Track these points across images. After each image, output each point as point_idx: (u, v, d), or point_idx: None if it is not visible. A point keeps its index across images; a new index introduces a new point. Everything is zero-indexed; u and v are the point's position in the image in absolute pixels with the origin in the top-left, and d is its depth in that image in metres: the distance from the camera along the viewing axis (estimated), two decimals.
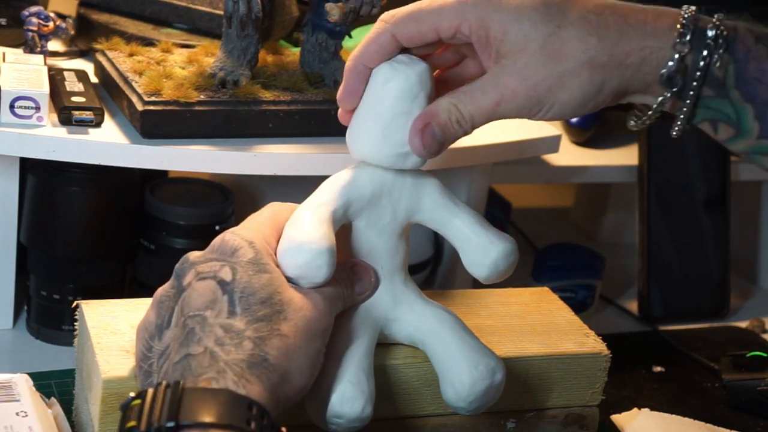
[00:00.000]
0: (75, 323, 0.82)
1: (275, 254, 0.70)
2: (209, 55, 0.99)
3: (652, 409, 0.96)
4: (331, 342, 0.74)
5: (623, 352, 0.90)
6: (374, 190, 0.75)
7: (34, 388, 0.79)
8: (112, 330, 0.77)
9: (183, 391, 0.61)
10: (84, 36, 1.09)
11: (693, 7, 0.71)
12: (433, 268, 1.17)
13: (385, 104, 0.73)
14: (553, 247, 1.22)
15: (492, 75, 0.72)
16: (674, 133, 0.74)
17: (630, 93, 0.73)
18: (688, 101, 0.72)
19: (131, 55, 0.99)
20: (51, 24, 1.02)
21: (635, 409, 0.96)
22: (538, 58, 0.70)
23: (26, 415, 0.75)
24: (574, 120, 1.24)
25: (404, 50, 0.75)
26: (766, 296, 1.31)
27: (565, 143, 1.21)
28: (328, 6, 0.92)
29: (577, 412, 0.85)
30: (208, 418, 0.60)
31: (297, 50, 1.03)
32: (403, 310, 0.78)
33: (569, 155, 1.22)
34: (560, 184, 1.47)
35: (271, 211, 0.74)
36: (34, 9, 1.01)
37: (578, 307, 1.13)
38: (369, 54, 0.73)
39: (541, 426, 0.84)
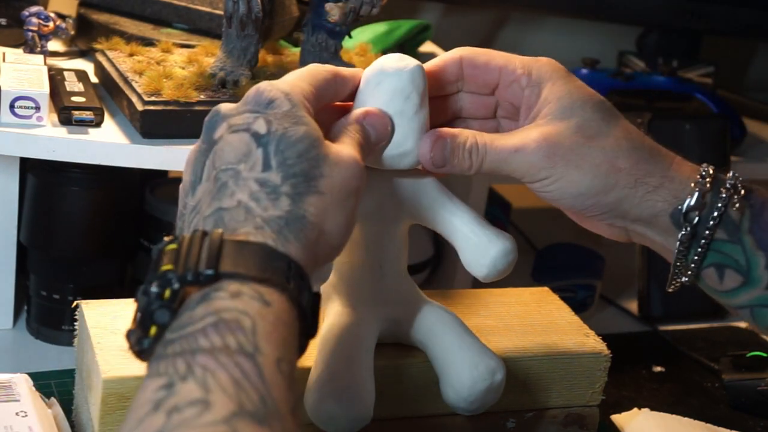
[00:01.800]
0: (75, 323, 0.82)
1: (312, 108, 0.68)
2: (209, 55, 0.99)
3: (652, 409, 0.96)
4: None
5: (623, 352, 0.90)
6: (372, 191, 0.75)
7: (34, 388, 0.79)
8: (112, 330, 0.77)
9: (223, 241, 0.59)
10: (84, 36, 1.09)
11: (712, 166, 0.74)
12: (433, 268, 1.17)
13: (378, 104, 0.73)
14: (553, 247, 1.22)
15: (522, 128, 0.74)
16: (675, 284, 0.76)
17: (631, 218, 0.74)
18: (703, 241, 0.72)
19: (131, 55, 0.99)
20: (51, 24, 1.02)
21: (635, 409, 0.96)
22: (572, 133, 0.72)
23: (26, 415, 0.75)
24: None
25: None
26: None
27: None
28: (328, 6, 0.92)
29: (577, 412, 0.85)
30: (248, 271, 0.58)
31: (297, 50, 1.03)
32: (403, 310, 0.78)
33: None
34: None
35: (310, 67, 0.71)
36: (34, 9, 1.01)
37: (578, 307, 1.12)
38: (431, 74, 0.75)
39: (541, 426, 0.84)
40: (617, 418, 0.95)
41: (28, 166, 0.97)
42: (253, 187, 0.62)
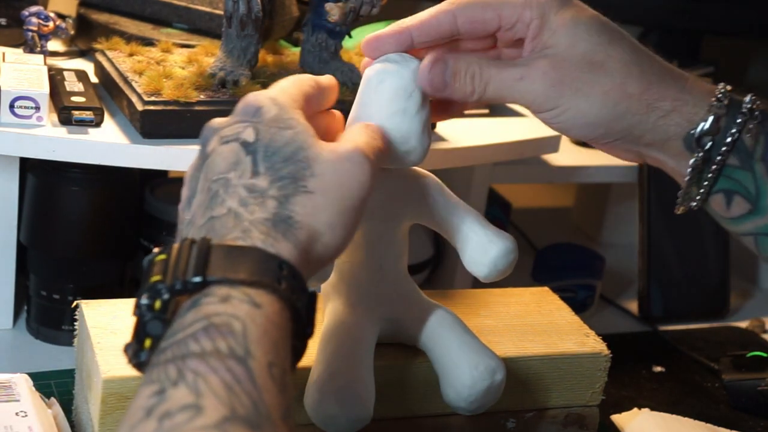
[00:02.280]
0: (75, 323, 0.82)
1: (304, 105, 0.68)
2: (209, 55, 0.99)
3: (652, 409, 0.96)
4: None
5: (623, 352, 0.90)
6: (376, 192, 0.75)
7: (33, 388, 0.79)
8: (112, 330, 0.77)
9: (210, 248, 0.59)
10: (84, 36, 1.09)
11: (729, 86, 0.72)
12: (433, 268, 1.17)
13: (380, 103, 0.73)
14: (553, 247, 1.22)
15: (528, 56, 0.72)
16: (684, 207, 0.74)
17: (644, 143, 0.73)
18: (714, 167, 0.71)
19: (131, 55, 0.99)
20: (51, 24, 1.02)
21: (635, 409, 0.96)
22: (579, 60, 0.70)
23: (26, 415, 0.75)
24: None
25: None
26: (766, 296, 1.31)
27: (566, 143, 1.21)
28: (328, 6, 0.92)
29: (577, 412, 0.85)
30: (236, 274, 0.57)
31: (297, 50, 1.03)
32: (403, 310, 0.78)
33: (569, 155, 1.22)
34: (560, 184, 1.47)
35: (294, 76, 0.71)
36: (34, 9, 1.01)
37: (578, 307, 1.12)
38: (423, 26, 0.73)
39: (541, 426, 0.84)
40: (617, 418, 0.95)
41: (28, 166, 0.97)
42: (242, 194, 0.62)
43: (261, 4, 0.93)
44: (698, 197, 0.73)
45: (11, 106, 0.89)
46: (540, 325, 0.87)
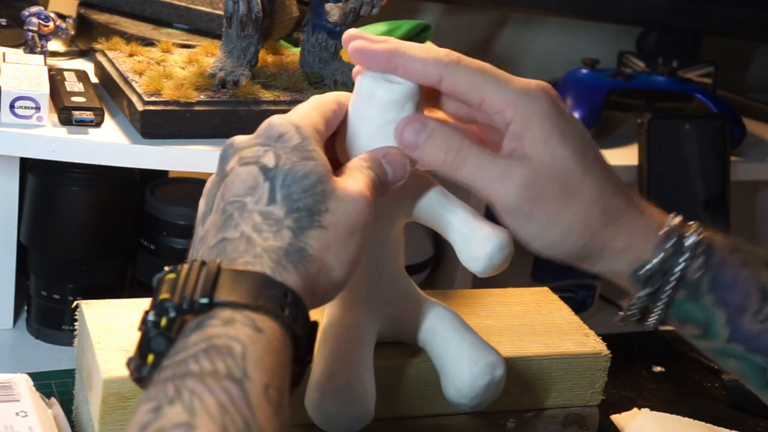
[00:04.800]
0: (75, 323, 0.82)
1: (322, 140, 0.68)
2: (209, 55, 0.99)
3: (652, 409, 0.96)
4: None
5: (623, 352, 0.90)
6: None
7: (34, 388, 0.79)
8: (112, 330, 0.77)
9: (219, 271, 0.60)
10: (84, 36, 1.09)
11: (680, 217, 0.72)
12: (433, 268, 1.17)
13: (371, 114, 0.71)
14: None
15: (508, 157, 0.70)
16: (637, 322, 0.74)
17: (597, 270, 0.73)
18: (659, 303, 0.71)
19: (131, 55, 0.99)
20: (51, 24, 1.02)
21: (635, 409, 0.96)
22: (556, 182, 0.70)
23: (26, 415, 0.75)
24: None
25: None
26: None
27: None
28: (328, 6, 0.92)
29: (577, 412, 0.85)
30: (241, 299, 0.58)
31: (297, 50, 1.03)
32: (401, 308, 0.78)
33: None
34: None
35: (317, 98, 0.71)
36: (34, 9, 1.01)
37: (578, 307, 1.12)
38: (409, 66, 0.70)
39: (541, 426, 0.84)
40: (617, 418, 0.95)
41: (28, 166, 0.97)
42: (257, 219, 0.63)
43: (261, 4, 0.93)
44: (652, 322, 0.73)
45: (11, 106, 0.89)
46: (540, 325, 0.87)
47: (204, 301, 0.58)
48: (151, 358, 0.58)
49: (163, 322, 0.59)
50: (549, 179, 0.70)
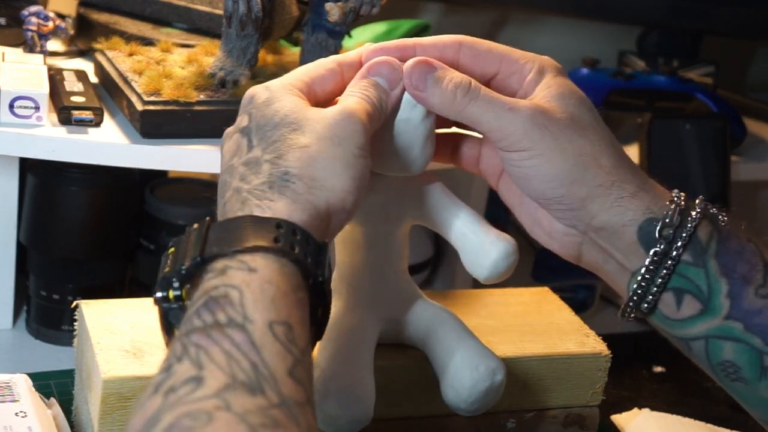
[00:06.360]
0: (75, 323, 0.82)
1: (308, 94, 0.69)
2: (209, 55, 0.99)
3: (652, 409, 0.96)
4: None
5: (623, 352, 0.90)
6: (376, 192, 0.75)
7: (33, 388, 0.79)
8: (112, 330, 0.77)
9: (209, 228, 0.61)
10: (84, 36, 1.09)
11: (683, 194, 0.72)
12: (433, 268, 1.17)
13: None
14: None
15: (525, 99, 0.72)
16: (634, 311, 0.72)
17: (597, 224, 0.71)
18: (670, 262, 0.69)
19: (131, 54, 0.99)
20: (51, 24, 1.02)
21: (635, 409, 0.96)
22: (566, 118, 0.70)
23: (26, 416, 0.75)
24: None
25: None
26: None
27: None
28: (328, 6, 0.92)
29: (577, 413, 0.85)
30: (230, 246, 0.59)
31: (297, 50, 1.03)
32: (403, 311, 0.78)
33: None
34: None
35: (313, 62, 0.73)
36: (33, 9, 1.01)
37: (578, 307, 1.12)
38: (427, 46, 0.73)
39: (541, 426, 0.84)
40: (617, 418, 0.95)
41: (28, 166, 0.97)
42: (242, 171, 0.65)
43: (261, 4, 0.93)
44: (650, 296, 0.70)
45: (11, 106, 0.89)
46: (540, 325, 0.87)
47: (197, 259, 0.60)
48: (176, 332, 0.59)
49: (171, 295, 0.60)
50: (559, 113, 0.71)
